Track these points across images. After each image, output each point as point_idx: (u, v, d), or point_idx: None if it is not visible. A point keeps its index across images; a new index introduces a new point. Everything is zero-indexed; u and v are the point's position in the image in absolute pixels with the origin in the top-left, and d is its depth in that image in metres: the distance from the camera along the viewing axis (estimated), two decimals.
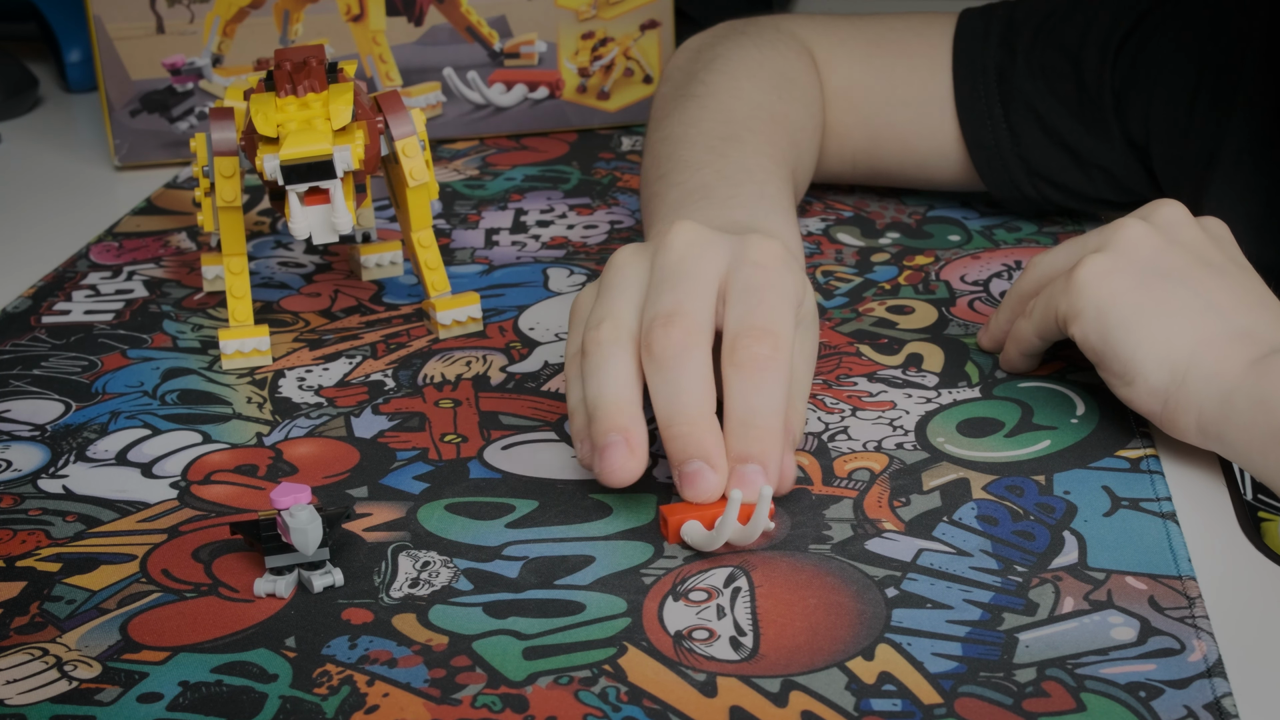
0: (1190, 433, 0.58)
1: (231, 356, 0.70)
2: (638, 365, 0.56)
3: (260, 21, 0.97)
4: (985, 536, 0.55)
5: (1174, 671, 0.47)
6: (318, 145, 0.64)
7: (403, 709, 0.47)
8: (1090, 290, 0.59)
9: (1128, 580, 0.52)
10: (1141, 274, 0.59)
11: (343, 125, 0.66)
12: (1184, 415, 0.58)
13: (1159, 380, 0.58)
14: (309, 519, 0.52)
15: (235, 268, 0.71)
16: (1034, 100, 0.80)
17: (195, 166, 0.73)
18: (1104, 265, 0.60)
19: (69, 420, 0.66)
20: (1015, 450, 0.61)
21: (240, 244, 0.71)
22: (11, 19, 1.22)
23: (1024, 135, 0.81)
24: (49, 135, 1.08)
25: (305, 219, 0.65)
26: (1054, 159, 0.80)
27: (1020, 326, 0.65)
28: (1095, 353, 0.60)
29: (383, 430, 0.64)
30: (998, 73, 0.81)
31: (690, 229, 0.58)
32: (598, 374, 0.55)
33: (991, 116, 0.81)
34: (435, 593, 0.53)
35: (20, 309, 0.78)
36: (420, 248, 0.72)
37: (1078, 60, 0.79)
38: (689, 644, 0.50)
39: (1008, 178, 0.82)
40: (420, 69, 0.99)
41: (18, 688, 0.49)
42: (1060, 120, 0.80)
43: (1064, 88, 0.80)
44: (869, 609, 0.51)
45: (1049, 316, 0.62)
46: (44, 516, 0.59)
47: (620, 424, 0.54)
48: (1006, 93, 0.81)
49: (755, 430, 0.54)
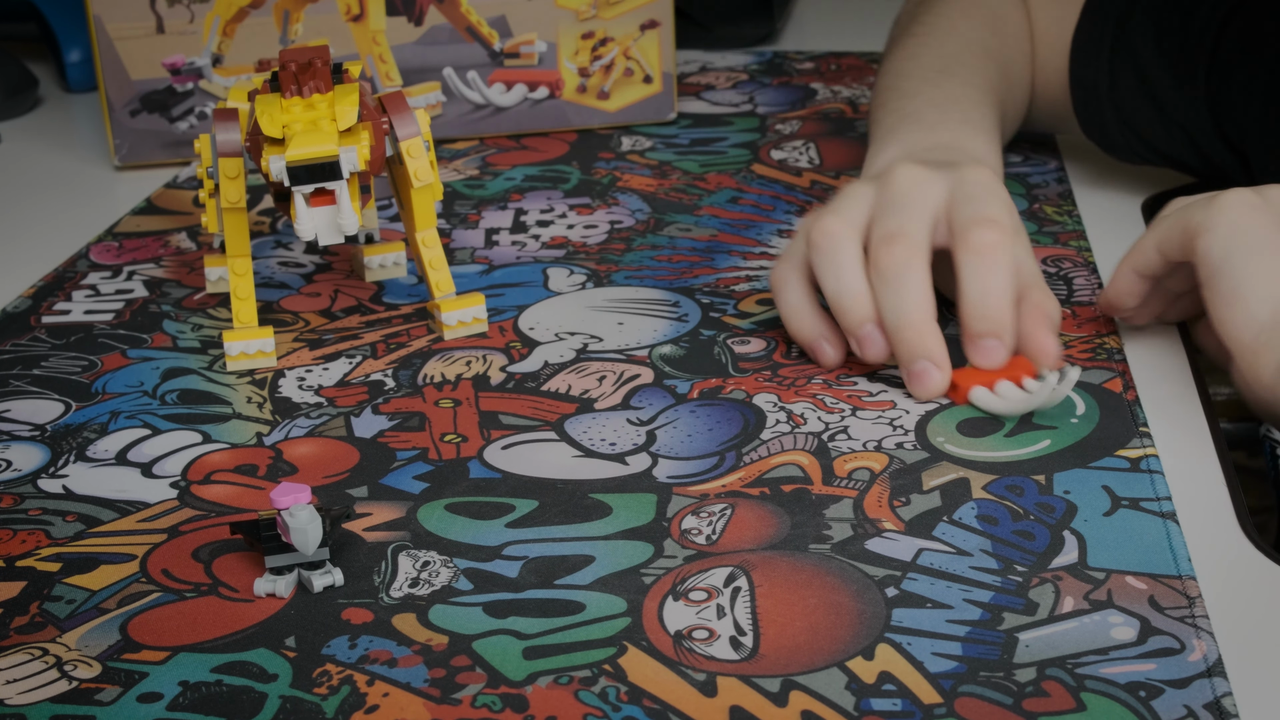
0: (1268, 371, 0.59)
1: (236, 358, 0.70)
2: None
3: (260, 21, 0.97)
4: (985, 536, 0.55)
5: (1174, 671, 0.47)
6: (324, 146, 0.64)
7: (403, 709, 0.47)
8: (1232, 212, 0.62)
9: (1128, 580, 0.52)
10: (1278, 219, 0.62)
11: (349, 126, 0.66)
12: (1270, 352, 0.59)
13: (1260, 311, 0.60)
14: (309, 519, 0.52)
15: (239, 269, 0.71)
16: (1141, 51, 0.82)
17: (199, 167, 0.73)
18: (1250, 198, 0.62)
19: (69, 420, 0.66)
20: (1015, 450, 0.61)
21: (245, 245, 0.71)
22: (11, 19, 1.22)
23: (1120, 80, 0.83)
24: (49, 135, 1.08)
25: (311, 220, 0.65)
26: (1142, 109, 0.83)
27: (1141, 240, 0.66)
28: (1213, 268, 0.61)
29: (383, 430, 0.64)
30: (1118, 17, 0.83)
31: (911, 167, 0.65)
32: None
33: (1099, 57, 0.84)
34: (435, 592, 0.53)
35: (20, 309, 0.78)
36: (424, 248, 0.72)
37: (1189, 14, 0.81)
38: (689, 644, 0.50)
39: (1099, 120, 0.85)
40: (420, 69, 0.99)
41: (18, 688, 0.49)
42: (1155, 72, 0.82)
43: (1169, 42, 0.81)
44: (869, 609, 0.51)
45: (1177, 227, 0.64)
46: (44, 516, 0.59)
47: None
48: (1120, 40, 0.83)
49: (989, 308, 0.62)
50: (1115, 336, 0.70)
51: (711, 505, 0.58)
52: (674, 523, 0.57)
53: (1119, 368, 0.67)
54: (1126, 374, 0.66)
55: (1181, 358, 0.68)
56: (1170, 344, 0.70)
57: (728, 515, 0.57)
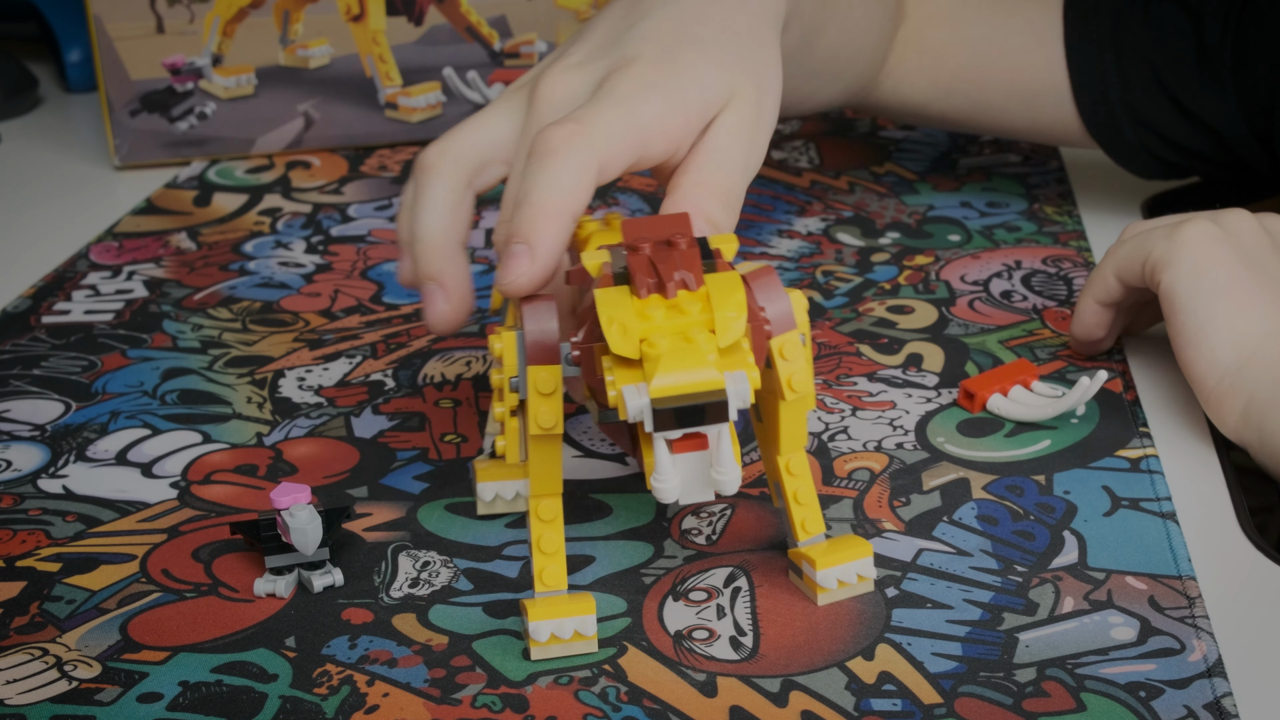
0: (1232, 417, 0.59)
1: (545, 644, 0.49)
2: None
3: (260, 21, 0.97)
4: (985, 536, 0.55)
5: (1174, 671, 0.47)
6: (704, 375, 0.45)
7: (403, 709, 0.47)
8: (1195, 246, 0.61)
9: (1128, 580, 0.52)
10: (1243, 254, 0.61)
11: (733, 341, 0.46)
12: (1233, 398, 0.59)
13: (1224, 354, 0.59)
14: (309, 519, 0.52)
15: (546, 513, 0.50)
16: (1149, 52, 0.80)
17: (495, 373, 0.52)
18: (1212, 230, 0.61)
19: (69, 420, 0.66)
20: (1015, 450, 0.61)
21: (556, 482, 0.50)
22: (11, 19, 1.22)
23: (1135, 84, 0.81)
24: (49, 135, 1.08)
25: (676, 475, 0.46)
26: (1163, 110, 0.81)
27: (1098, 269, 0.65)
28: (1176, 306, 0.61)
29: (383, 430, 0.64)
30: (1113, 19, 0.81)
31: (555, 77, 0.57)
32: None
33: (1102, 61, 0.81)
34: (435, 592, 0.53)
35: (20, 309, 0.78)
36: (789, 476, 0.52)
37: (1198, 16, 0.79)
38: (689, 644, 0.50)
39: (1111, 123, 0.82)
40: (420, 69, 0.99)
41: (18, 687, 0.49)
42: (1174, 75, 0.80)
43: (1181, 43, 0.80)
44: (869, 609, 0.51)
45: (1138, 257, 0.63)
46: (44, 516, 0.59)
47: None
48: (1121, 40, 0.81)
49: (523, 209, 0.51)
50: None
51: (711, 505, 0.58)
52: (674, 523, 0.57)
53: (1119, 368, 0.67)
54: (1126, 374, 0.66)
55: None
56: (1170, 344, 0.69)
57: (728, 515, 0.57)
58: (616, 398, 0.45)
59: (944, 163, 0.94)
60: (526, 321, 0.49)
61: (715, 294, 0.46)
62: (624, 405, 0.45)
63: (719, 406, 0.44)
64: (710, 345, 0.45)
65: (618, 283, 0.47)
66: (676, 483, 0.46)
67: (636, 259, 0.47)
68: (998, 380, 0.64)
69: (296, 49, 0.98)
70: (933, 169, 0.93)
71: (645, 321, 0.46)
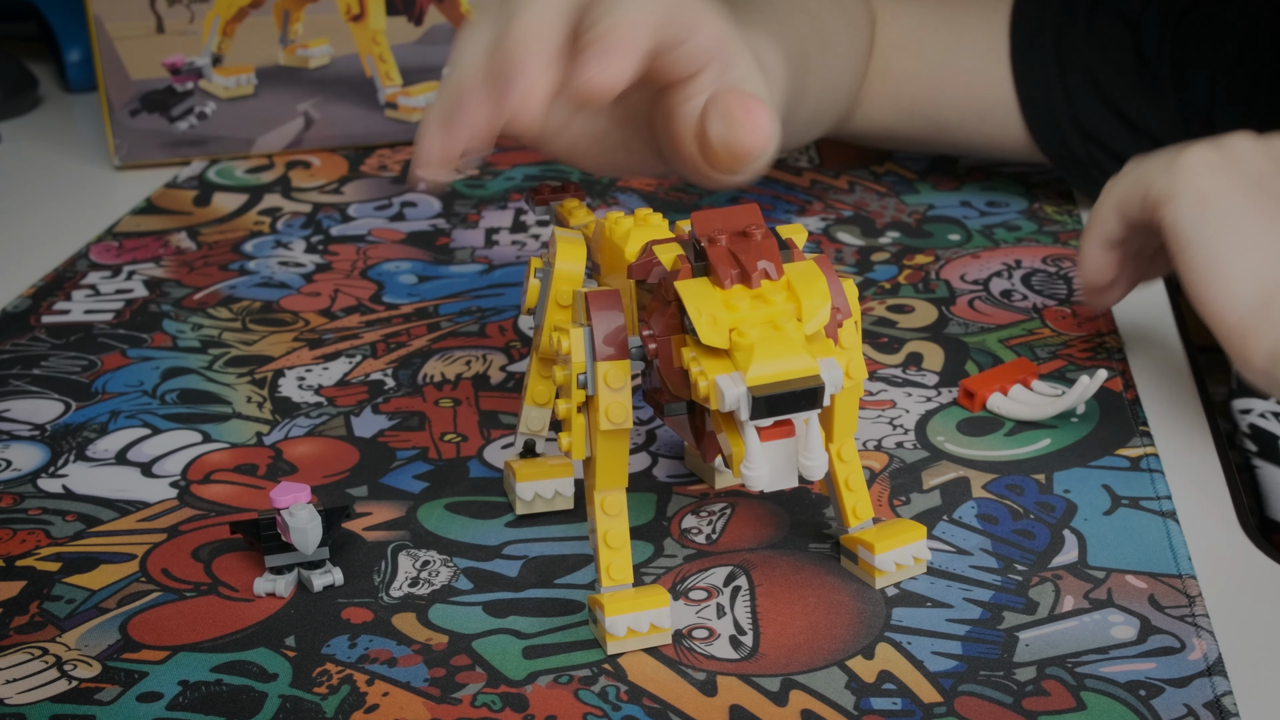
0: (1258, 354, 0.55)
1: (623, 639, 0.50)
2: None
3: (260, 21, 0.97)
4: (985, 535, 0.55)
5: (1174, 670, 0.47)
6: (799, 362, 0.45)
7: (402, 708, 0.47)
8: (1196, 175, 0.57)
9: (1128, 579, 0.52)
10: (1248, 181, 0.57)
11: (819, 328, 0.47)
12: (1258, 335, 0.55)
13: (1243, 289, 0.56)
14: (309, 518, 0.52)
15: (612, 508, 0.51)
16: (1091, 64, 0.80)
17: (560, 370, 0.50)
18: (1213, 158, 0.58)
19: (69, 420, 0.66)
20: (1015, 449, 0.61)
21: (622, 476, 0.50)
22: (11, 19, 1.22)
23: (1079, 97, 0.81)
24: (49, 135, 1.08)
25: (768, 463, 0.46)
26: (1106, 122, 0.80)
27: (1098, 206, 0.62)
28: (1183, 241, 0.57)
29: (382, 430, 0.64)
30: (1055, 33, 0.81)
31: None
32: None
33: (1046, 76, 0.81)
34: (435, 592, 0.53)
35: (20, 309, 0.78)
36: (840, 463, 0.53)
37: (1137, 28, 0.79)
38: (689, 643, 0.50)
39: (1059, 137, 0.82)
40: (420, 69, 0.99)
41: (17, 687, 0.49)
42: (1116, 87, 0.80)
43: (1122, 55, 0.80)
44: (869, 608, 0.51)
45: (1137, 191, 0.59)
46: (44, 516, 0.59)
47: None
48: (1063, 54, 0.81)
49: (608, 20, 0.50)
50: (1115, 336, 0.70)
51: (711, 504, 0.58)
52: (674, 522, 0.57)
53: (1119, 367, 0.67)
54: (1126, 373, 0.66)
55: (1181, 357, 0.68)
56: (1170, 344, 0.70)
57: (727, 515, 0.57)
58: (709, 387, 0.45)
59: (944, 162, 0.94)
60: (595, 317, 0.49)
61: (797, 283, 0.47)
62: (718, 395, 0.45)
63: (815, 393, 0.45)
64: (799, 333, 0.46)
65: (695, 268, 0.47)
66: (767, 470, 0.46)
67: (716, 250, 0.47)
68: (998, 379, 0.64)
69: (296, 49, 0.98)
70: (932, 168, 0.93)
71: (732, 312, 0.46)
